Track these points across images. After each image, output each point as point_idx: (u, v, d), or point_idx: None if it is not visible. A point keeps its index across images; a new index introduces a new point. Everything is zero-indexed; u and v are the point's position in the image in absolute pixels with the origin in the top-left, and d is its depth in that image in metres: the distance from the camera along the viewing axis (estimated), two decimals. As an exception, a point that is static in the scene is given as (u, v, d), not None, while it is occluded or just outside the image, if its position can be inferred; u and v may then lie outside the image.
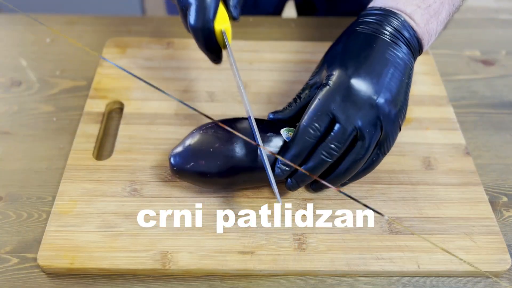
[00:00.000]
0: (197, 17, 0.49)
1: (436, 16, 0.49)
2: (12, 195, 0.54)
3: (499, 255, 0.49)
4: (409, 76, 0.48)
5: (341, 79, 0.46)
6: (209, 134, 0.49)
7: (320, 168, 0.47)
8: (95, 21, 0.76)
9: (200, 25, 0.49)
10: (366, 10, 0.51)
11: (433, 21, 0.49)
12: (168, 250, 0.48)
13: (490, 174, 0.57)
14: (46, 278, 0.47)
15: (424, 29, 0.49)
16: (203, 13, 0.49)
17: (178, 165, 0.49)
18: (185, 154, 0.49)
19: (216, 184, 0.50)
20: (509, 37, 0.76)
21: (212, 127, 0.50)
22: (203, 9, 0.49)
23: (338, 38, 0.51)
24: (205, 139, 0.49)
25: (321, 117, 0.46)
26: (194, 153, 0.49)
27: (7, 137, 0.59)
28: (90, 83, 0.65)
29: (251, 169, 0.49)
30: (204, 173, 0.48)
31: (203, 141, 0.49)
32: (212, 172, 0.48)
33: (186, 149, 0.49)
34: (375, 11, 0.50)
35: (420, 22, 0.49)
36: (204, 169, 0.48)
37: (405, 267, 0.48)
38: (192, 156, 0.49)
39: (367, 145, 0.46)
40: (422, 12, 0.49)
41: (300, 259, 0.48)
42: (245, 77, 0.66)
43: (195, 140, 0.49)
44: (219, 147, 0.48)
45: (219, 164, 0.48)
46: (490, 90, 0.67)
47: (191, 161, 0.48)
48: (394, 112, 0.47)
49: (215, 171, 0.48)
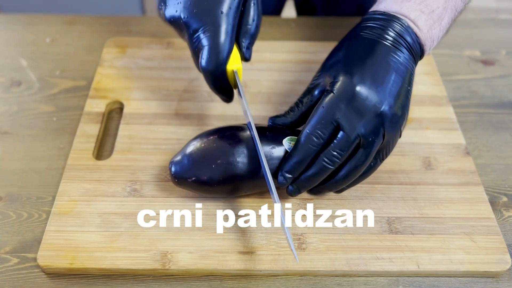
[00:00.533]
0: (210, 60, 0.47)
1: (439, 21, 0.49)
2: (12, 195, 0.54)
3: (499, 255, 0.49)
4: (410, 81, 0.48)
5: (346, 86, 0.46)
6: (211, 147, 0.48)
7: (321, 175, 0.47)
8: (95, 21, 0.76)
9: (212, 69, 0.48)
10: (368, 14, 0.51)
11: (436, 27, 0.49)
12: (168, 250, 0.48)
13: (490, 174, 0.57)
14: (46, 278, 0.47)
15: (427, 34, 0.49)
16: (216, 56, 0.47)
17: (178, 176, 0.49)
18: (186, 168, 0.48)
19: (217, 194, 0.50)
20: (509, 37, 0.76)
21: (213, 140, 0.49)
22: (216, 53, 0.47)
23: (341, 42, 0.51)
24: (207, 151, 0.48)
25: (325, 125, 0.45)
26: (196, 167, 0.48)
27: (7, 137, 0.59)
28: (90, 83, 0.65)
29: (253, 181, 0.49)
30: (206, 186, 0.48)
31: (204, 155, 0.48)
32: (214, 185, 0.48)
33: (187, 163, 0.48)
34: (378, 15, 0.49)
35: (424, 28, 0.48)
36: (205, 183, 0.48)
37: (405, 267, 0.48)
38: (194, 170, 0.48)
39: (369, 152, 0.46)
40: (425, 17, 0.48)
41: (300, 259, 0.48)
42: (245, 77, 0.66)
43: (197, 152, 0.49)
44: (221, 163, 0.48)
45: (221, 180, 0.48)
46: (490, 90, 0.67)
47: (193, 175, 0.48)
48: (397, 119, 0.46)
49: (217, 184, 0.48)
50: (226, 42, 0.47)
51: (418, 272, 0.48)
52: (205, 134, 0.50)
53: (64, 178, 0.53)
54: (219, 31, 0.47)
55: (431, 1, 0.49)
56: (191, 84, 0.65)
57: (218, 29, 0.47)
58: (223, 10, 0.48)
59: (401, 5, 0.49)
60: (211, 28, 0.47)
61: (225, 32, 0.47)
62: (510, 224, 0.53)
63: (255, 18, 0.51)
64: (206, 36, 0.48)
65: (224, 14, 0.48)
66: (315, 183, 0.48)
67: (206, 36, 0.48)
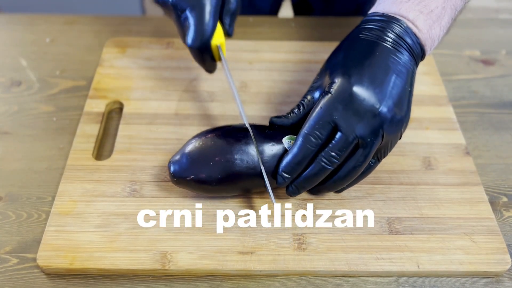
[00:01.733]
0: (195, 38, 0.53)
1: (438, 21, 0.49)
2: (12, 195, 0.54)
3: (499, 255, 0.49)
4: (411, 83, 0.48)
5: (344, 87, 0.46)
6: (209, 145, 0.49)
7: (320, 175, 0.47)
8: (95, 21, 0.76)
9: (197, 46, 0.53)
10: (367, 16, 0.50)
11: (436, 27, 0.49)
12: (168, 250, 0.48)
13: (490, 174, 0.57)
14: (46, 278, 0.47)
15: (427, 35, 0.48)
16: (201, 34, 0.53)
17: (177, 174, 0.49)
18: (185, 166, 0.48)
19: (216, 193, 0.50)
20: (509, 37, 0.76)
21: (211, 139, 0.49)
22: (201, 31, 0.53)
23: (340, 44, 0.51)
24: (205, 151, 0.48)
25: (323, 125, 0.46)
26: (194, 165, 0.48)
27: (7, 137, 0.59)
28: (90, 83, 0.65)
29: (252, 179, 0.49)
30: (205, 185, 0.48)
31: (202, 153, 0.48)
32: (213, 184, 0.48)
33: (186, 161, 0.49)
34: (377, 17, 0.49)
35: (423, 28, 0.48)
36: (204, 181, 0.48)
37: (404, 267, 0.47)
38: (192, 168, 0.48)
39: (367, 152, 0.46)
40: (424, 18, 0.48)
41: (300, 259, 0.48)
42: (245, 77, 0.66)
43: (195, 151, 0.49)
44: (219, 160, 0.48)
45: (220, 178, 0.48)
46: (490, 90, 0.67)
47: (191, 173, 0.48)
48: (396, 120, 0.46)
49: (216, 182, 0.48)
50: (210, 22, 0.53)
51: (418, 273, 0.48)
52: (203, 133, 0.50)
53: (64, 178, 0.53)
54: (203, 12, 0.53)
55: (429, 1, 0.48)
56: (191, 84, 0.65)
57: (203, 10, 0.53)
58: None
59: (399, 6, 0.48)
60: (197, 9, 0.53)
61: (209, 12, 0.53)
62: (510, 224, 0.53)
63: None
64: (192, 16, 0.53)
65: None
66: (314, 183, 0.48)
67: (192, 16, 0.53)
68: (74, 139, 0.57)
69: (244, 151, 0.48)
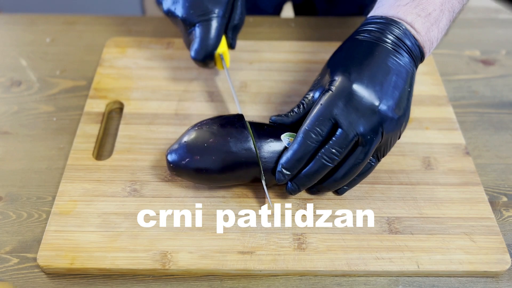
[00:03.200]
0: (200, 51, 0.57)
1: (436, 24, 0.49)
2: (12, 195, 0.54)
3: (498, 255, 0.49)
4: (411, 84, 0.48)
5: (344, 84, 0.46)
6: (204, 130, 0.50)
7: (320, 173, 0.47)
8: (95, 21, 0.76)
9: (201, 59, 0.57)
10: (367, 19, 0.51)
11: (434, 29, 0.49)
12: (168, 250, 0.48)
13: (490, 174, 0.57)
14: (46, 278, 0.48)
15: (425, 37, 0.49)
16: (206, 48, 0.57)
17: (174, 162, 0.50)
18: (180, 151, 0.49)
19: (212, 180, 0.50)
20: (509, 37, 0.76)
21: (206, 124, 0.50)
22: (206, 46, 0.57)
23: (341, 46, 0.52)
24: (199, 135, 0.49)
25: (323, 122, 0.46)
26: (189, 149, 0.49)
27: (7, 137, 0.59)
28: (90, 83, 0.65)
29: (246, 164, 0.49)
30: (200, 169, 0.49)
31: (197, 137, 0.49)
32: (207, 167, 0.48)
33: (181, 146, 0.50)
34: (377, 19, 0.50)
35: (421, 31, 0.49)
36: (199, 165, 0.48)
37: (404, 267, 0.48)
38: (187, 152, 0.49)
39: (367, 150, 0.46)
40: (422, 20, 0.49)
41: (300, 259, 0.48)
42: (245, 77, 0.66)
43: (190, 137, 0.50)
44: (213, 142, 0.48)
45: (214, 159, 0.48)
46: (490, 90, 0.67)
47: (187, 157, 0.49)
48: (396, 119, 0.47)
49: (210, 166, 0.48)
50: (215, 37, 0.57)
51: (418, 272, 0.48)
52: (198, 123, 0.51)
53: (64, 178, 0.53)
54: (210, 28, 0.57)
55: (426, 4, 0.49)
56: (191, 84, 0.65)
57: (210, 26, 0.57)
58: (216, 13, 0.57)
59: (397, 9, 0.49)
60: (205, 25, 0.57)
61: (215, 28, 0.57)
62: (510, 224, 0.53)
63: (241, 15, 0.60)
64: (199, 30, 0.57)
65: (216, 15, 0.57)
66: (314, 181, 0.48)
67: (200, 31, 0.57)
68: (74, 139, 0.57)
69: (239, 133, 0.49)
